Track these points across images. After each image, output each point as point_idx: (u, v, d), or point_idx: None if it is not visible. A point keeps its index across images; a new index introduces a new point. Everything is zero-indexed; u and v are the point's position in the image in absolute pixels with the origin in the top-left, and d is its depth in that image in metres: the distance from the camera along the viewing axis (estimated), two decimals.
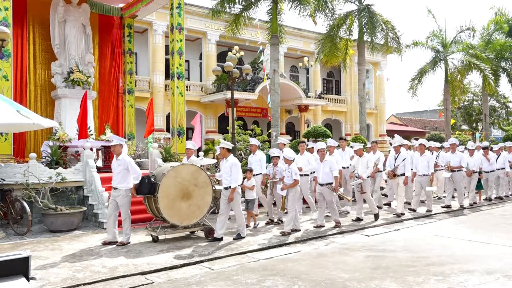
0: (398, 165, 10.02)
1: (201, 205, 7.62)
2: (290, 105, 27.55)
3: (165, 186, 7.28)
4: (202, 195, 7.63)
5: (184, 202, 7.44)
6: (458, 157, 11.55)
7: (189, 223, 7.55)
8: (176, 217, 7.40)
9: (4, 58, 9.97)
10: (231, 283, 5.23)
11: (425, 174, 10.58)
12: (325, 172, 8.54)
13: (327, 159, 8.61)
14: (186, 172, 7.54)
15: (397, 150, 10.25)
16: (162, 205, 7.23)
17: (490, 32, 27.02)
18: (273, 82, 16.35)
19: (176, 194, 7.38)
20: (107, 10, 14.27)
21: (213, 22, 22.85)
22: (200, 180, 7.64)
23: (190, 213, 7.51)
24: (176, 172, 7.43)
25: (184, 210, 7.44)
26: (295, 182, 7.98)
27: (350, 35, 20.10)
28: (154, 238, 7.48)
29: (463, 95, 30.36)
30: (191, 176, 7.56)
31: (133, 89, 15.24)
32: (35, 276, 5.43)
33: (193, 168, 7.69)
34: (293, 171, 8.00)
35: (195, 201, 7.55)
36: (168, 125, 19.06)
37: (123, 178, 7.31)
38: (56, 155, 10.34)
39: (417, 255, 6.51)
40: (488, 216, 10.43)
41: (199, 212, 7.61)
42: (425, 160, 10.63)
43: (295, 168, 8.09)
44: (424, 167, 10.57)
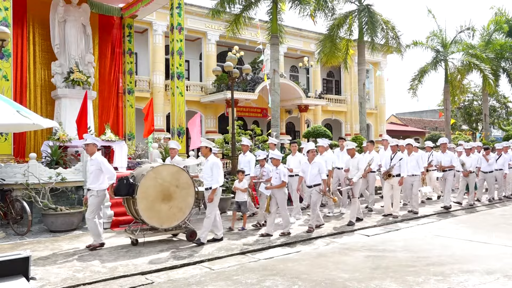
0: (394, 165, 9.78)
1: (182, 207, 7.39)
2: (290, 105, 27.56)
3: (144, 187, 7.06)
4: (184, 196, 7.41)
5: (164, 204, 7.21)
6: (449, 157, 11.37)
7: (170, 225, 7.34)
8: (156, 219, 7.17)
9: (4, 58, 9.97)
10: (231, 283, 5.23)
11: (414, 174, 10.30)
12: (312, 174, 8.27)
13: (316, 161, 8.32)
14: (167, 172, 7.32)
15: (394, 150, 10.04)
16: (140, 207, 7.02)
17: (490, 32, 27.02)
18: (273, 82, 16.36)
19: (156, 196, 7.15)
20: (107, 10, 14.26)
21: (213, 22, 22.86)
22: (182, 181, 7.41)
23: (171, 215, 7.29)
24: (156, 173, 7.22)
25: (164, 212, 7.22)
26: (282, 183, 7.76)
27: (350, 35, 20.12)
28: (133, 241, 7.26)
29: (463, 95, 30.37)
30: (172, 177, 7.33)
31: (133, 89, 15.24)
32: (35, 276, 5.43)
33: (174, 168, 7.47)
34: (281, 173, 7.80)
35: (176, 202, 7.32)
36: (168, 125, 19.05)
37: (95, 178, 7.08)
38: (56, 155, 10.34)
39: (417, 255, 6.51)
40: (488, 216, 10.42)
41: (180, 214, 7.38)
42: (413, 160, 10.37)
43: (283, 169, 7.89)
44: (413, 167, 10.28)
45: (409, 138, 12.31)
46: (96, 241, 7.05)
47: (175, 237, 7.76)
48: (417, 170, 10.34)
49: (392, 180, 9.81)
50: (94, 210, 7.05)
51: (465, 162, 11.92)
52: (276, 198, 7.85)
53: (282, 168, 7.86)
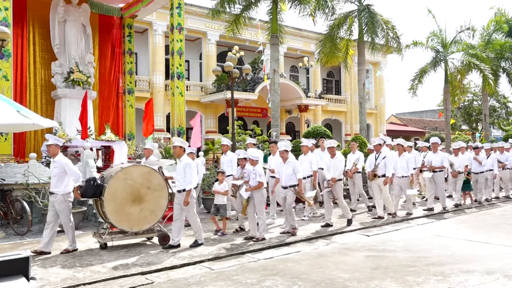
0: (378, 164, 9.48)
1: (154, 209, 7.09)
2: (290, 105, 27.56)
3: (113, 188, 6.77)
4: (156, 198, 7.09)
5: (135, 206, 6.90)
6: (440, 157, 11.01)
7: (141, 228, 7.04)
8: (125, 222, 6.86)
9: (4, 58, 9.98)
10: (231, 283, 5.23)
11: (404, 175, 9.97)
12: (287, 174, 7.93)
13: (290, 160, 7.95)
14: (137, 173, 7.00)
15: (378, 149, 9.70)
16: (108, 209, 6.72)
17: (490, 32, 27.01)
18: (273, 82, 16.35)
19: (125, 197, 6.84)
20: (107, 10, 14.28)
21: (213, 22, 22.86)
22: (154, 183, 7.10)
23: (142, 218, 6.98)
24: (125, 174, 6.91)
25: (135, 215, 6.90)
26: (259, 184, 7.41)
27: (350, 35, 20.11)
28: (102, 245, 6.96)
29: (463, 95, 30.35)
30: (144, 178, 7.02)
31: (133, 89, 15.25)
32: (35, 276, 5.43)
33: (146, 169, 7.15)
34: (257, 173, 7.43)
35: (148, 205, 7.01)
36: (168, 125, 19.06)
37: (59, 181, 6.65)
38: None
39: (417, 255, 6.51)
40: (488, 216, 10.42)
41: (152, 217, 7.08)
42: (403, 160, 10.03)
43: (260, 169, 7.53)
44: (402, 168, 9.96)
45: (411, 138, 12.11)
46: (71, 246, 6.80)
47: (149, 241, 7.48)
48: (406, 172, 10.01)
49: (378, 180, 9.57)
50: (68, 215, 6.74)
51: (454, 162, 11.66)
52: (254, 200, 7.52)
53: (258, 168, 7.49)
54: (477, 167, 12.38)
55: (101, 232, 7.14)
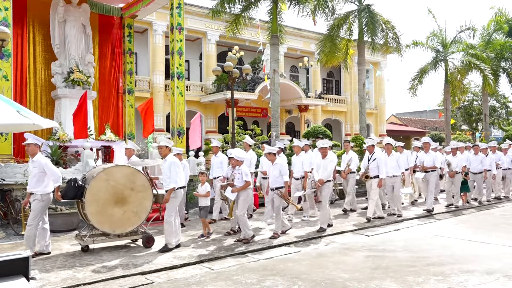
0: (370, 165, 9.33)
1: (138, 211, 6.92)
2: (290, 105, 27.56)
3: (94, 189, 6.60)
4: (140, 200, 6.94)
5: (118, 208, 6.73)
6: (431, 157, 10.82)
7: (124, 230, 6.87)
8: (108, 224, 6.69)
9: (4, 58, 9.97)
10: (231, 283, 5.23)
11: (394, 175, 9.84)
12: (274, 175, 7.79)
13: (277, 162, 7.79)
14: (120, 174, 6.83)
15: (371, 150, 9.55)
16: (90, 211, 6.56)
17: (490, 32, 27.02)
18: (273, 82, 16.35)
19: (107, 199, 6.67)
20: (107, 10, 14.27)
21: (213, 22, 22.86)
22: (138, 184, 6.93)
23: (125, 220, 6.81)
24: (108, 174, 6.73)
25: (117, 217, 6.74)
26: (245, 184, 7.29)
27: (350, 35, 20.11)
28: (84, 248, 6.77)
29: (463, 95, 30.35)
30: (127, 179, 6.85)
31: (133, 89, 15.25)
32: (35, 276, 5.43)
33: (129, 170, 6.97)
34: (243, 173, 7.31)
35: (131, 206, 6.84)
36: (168, 125, 19.06)
37: (39, 181, 6.43)
38: (56, 155, 10.34)
39: (417, 255, 6.51)
40: (488, 216, 10.42)
41: (136, 219, 6.91)
42: (393, 160, 9.89)
43: (245, 169, 7.42)
44: (393, 168, 9.83)
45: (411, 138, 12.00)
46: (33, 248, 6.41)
47: (133, 243, 7.32)
48: (397, 171, 9.88)
49: (370, 181, 9.42)
50: (37, 215, 6.39)
51: (451, 162, 11.45)
52: (239, 200, 7.37)
53: (243, 168, 7.39)
54: (475, 167, 12.21)
55: (82, 235, 6.96)
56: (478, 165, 12.23)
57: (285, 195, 7.75)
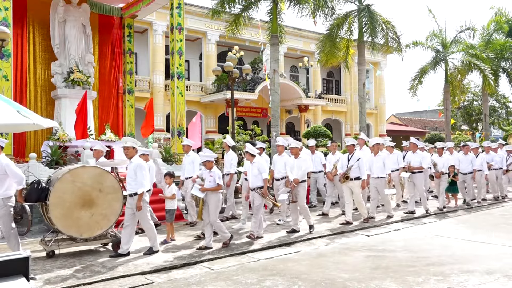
0: (352, 165, 8.83)
1: (107, 213, 6.62)
2: (290, 105, 27.57)
3: (59, 192, 6.28)
4: (109, 202, 6.62)
5: (85, 211, 6.43)
6: (418, 157, 10.42)
7: (92, 234, 6.57)
8: (75, 228, 6.39)
9: (4, 58, 9.97)
10: (231, 283, 5.23)
11: (380, 176, 9.50)
12: (253, 175, 7.56)
13: (256, 161, 7.59)
14: (87, 175, 6.51)
15: (351, 150, 9.13)
16: (54, 214, 6.24)
17: (490, 32, 27.01)
18: (273, 82, 16.35)
19: (74, 201, 6.35)
20: (107, 10, 14.27)
21: (213, 22, 22.87)
22: (107, 185, 6.62)
23: (93, 224, 6.51)
24: (73, 176, 6.41)
25: (85, 220, 6.43)
26: (217, 187, 6.89)
27: (350, 35, 20.10)
28: (49, 253, 6.44)
29: (463, 95, 30.36)
30: (94, 180, 6.53)
31: (133, 89, 15.24)
32: (35, 276, 5.43)
33: (97, 171, 6.66)
34: (216, 175, 6.91)
35: (100, 209, 6.54)
36: (168, 125, 19.07)
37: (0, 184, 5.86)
38: (56, 155, 10.34)
39: (417, 255, 6.51)
40: (488, 216, 10.42)
41: (105, 222, 6.61)
42: (379, 160, 9.52)
43: (218, 171, 7.03)
44: (378, 169, 9.48)
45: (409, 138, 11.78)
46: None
47: (103, 247, 7.06)
48: (383, 172, 9.51)
49: (350, 183, 8.90)
50: (7, 222, 5.83)
51: (437, 162, 11.08)
52: (208, 204, 6.92)
53: (216, 170, 7.01)
54: (465, 167, 11.90)
55: (47, 239, 6.62)
56: (468, 166, 11.93)
57: (265, 192, 7.54)
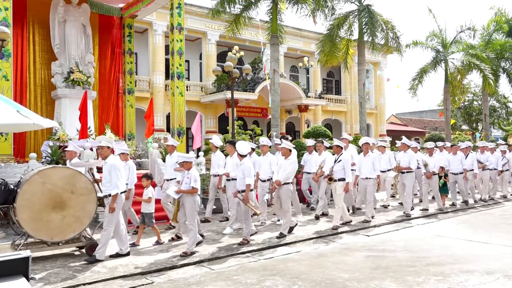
0: (333, 167, 8.57)
1: (80, 216, 6.35)
2: (290, 105, 27.57)
3: (28, 193, 6.01)
4: (82, 204, 6.36)
5: (56, 213, 6.15)
6: (408, 157, 10.17)
7: (64, 238, 6.29)
8: (45, 231, 6.11)
9: (4, 58, 9.97)
10: (231, 283, 5.23)
11: (368, 177, 9.22)
12: (240, 178, 7.32)
13: (243, 162, 7.29)
14: (58, 176, 6.25)
15: (338, 151, 8.80)
16: (23, 217, 5.97)
17: (490, 32, 27.02)
18: (273, 82, 16.34)
19: (44, 204, 6.07)
20: (107, 10, 14.27)
21: (213, 22, 22.86)
22: (79, 186, 6.35)
23: (65, 227, 6.25)
24: (43, 177, 6.12)
25: (56, 223, 6.16)
26: (192, 189, 6.57)
27: (350, 35, 20.10)
28: None
29: (463, 95, 30.36)
30: (66, 181, 6.27)
31: (133, 89, 15.24)
32: (35, 276, 5.43)
33: (68, 171, 6.41)
34: (192, 177, 6.57)
35: (72, 211, 6.27)
36: (168, 125, 19.06)
37: None
38: (56, 155, 10.34)
39: (417, 255, 6.51)
40: (488, 216, 10.42)
41: (77, 225, 6.36)
42: (369, 161, 9.21)
43: (195, 173, 6.68)
44: (367, 169, 9.19)
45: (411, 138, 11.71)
46: None
47: (78, 251, 6.86)
48: (372, 173, 9.20)
49: (334, 184, 8.64)
50: None
51: (428, 162, 10.75)
52: (185, 207, 6.67)
53: (194, 172, 6.66)
54: (455, 167, 11.64)
55: (16, 243, 6.40)
56: (458, 166, 11.66)
57: (246, 198, 7.15)
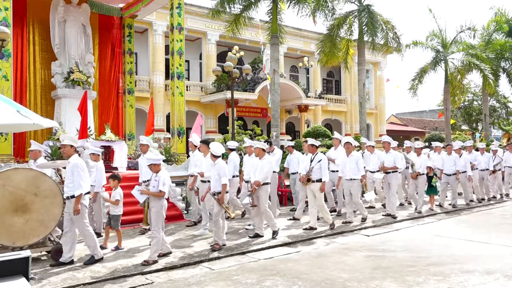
0: (313, 167, 8.24)
1: (45, 219, 6.07)
2: (290, 105, 27.58)
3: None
4: (46, 207, 6.07)
5: (18, 217, 5.86)
6: (392, 157, 9.93)
7: (27, 242, 5.99)
8: (6, 235, 5.82)
9: (4, 58, 9.97)
10: (231, 283, 5.23)
11: (352, 178, 8.87)
12: (214, 179, 6.96)
13: (217, 162, 6.99)
14: (20, 178, 5.95)
15: (313, 151, 8.46)
16: None
17: (490, 32, 27.04)
18: (273, 82, 16.35)
19: (4, 207, 5.81)
20: (107, 10, 14.27)
21: (213, 22, 22.86)
22: (44, 188, 6.06)
23: (29, 231, 5.95)
24: (4, 179, 5.85)
25: (19, 227, 5.87)
26: (159, 193, 6.18)
27: (350, 35, 20.11)
28: None
29: (463, 95, 30.37)
30: (29, 183, 5.98)
31: (133, 89, 15.24)
32: (35, 276, 5.43)
33: (31, 173, 6.11)
34: (160, 180, 6.20)
35: (36, 215, 5.98)
36: (168, 125, 19.06)
37: None
38: (56, 155, 10.33)
39: (417, 255, 6.51)
40: (488, 216, 10.42)
41: (42, 229, 6.06)
42: (352, 161, 8.89)
43: (164, 176, 6.27)
44: (351, 170, 8.86)
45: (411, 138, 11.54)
46: None
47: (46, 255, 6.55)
48: (356, 174, 8.88)
49: (312, 185, 8.30)
50: None
51: (415, 162, 10.51)
52: (150, 210, 6.31)
53: (162, 175, 6.25)
54: (449, 168, 11.32)
55: None
56: (452, 166, 11.32)
57: (221, 199, 6.87)
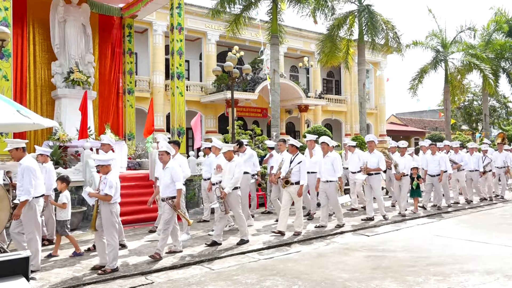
0: (292, 169, 7.88)
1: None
2: (290, 105, 27.57)
3: None
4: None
5: None
6: (376, 158, 9.56)
7: None
8: None
9: (4, 58, 9.97)
10: (231, 283, 5.23)
11: (328, 180, 8.51)
12: (165, 183, 6.49)
13: (169, 166, 6.50)
14: None
15: (293, 151, 8.07)
16: None
17: (490, 32, 27.05)
18: (273, 82, 16.35)
19: None
20: (107, 10, 14.27)
21: (213, 22, 22.85)
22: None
23: None
24: None
25: None
26: (105, 196, 5.73)
27: (350, 35, 20.11)
28: None
29: (463, 95, 30.38)
30: None
31: (133, 89, 15.24)
32: (35, 276, 5.43)
33: None
34: (108, 182, 5.74)
35: None
36: (168, 125, 19.06)
37: None
38: (56, 155, 10.34)
39: (417, 255, 6.51)
40: (488, 216, 10.42)
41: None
42: (328, 162, 8.51)
43: (112, 179, 5.81)
44: (327, 171, 8.50)
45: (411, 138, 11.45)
46: None
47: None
48: (333, 176, 8.50)
49: (291, 188, 7.91)
50: None
51: (399, 163, 10.20)
52: (101, 217, 5.85)
53: (111, 178, 5.80)
54: (433, 168, 10.92)
55: None
56: (436, 167, 10.89)
57: (177, 205, 6.47)
